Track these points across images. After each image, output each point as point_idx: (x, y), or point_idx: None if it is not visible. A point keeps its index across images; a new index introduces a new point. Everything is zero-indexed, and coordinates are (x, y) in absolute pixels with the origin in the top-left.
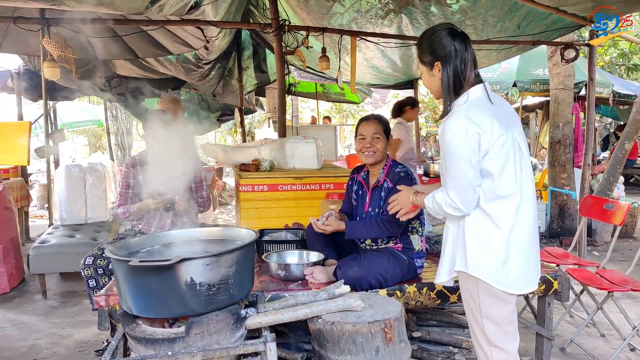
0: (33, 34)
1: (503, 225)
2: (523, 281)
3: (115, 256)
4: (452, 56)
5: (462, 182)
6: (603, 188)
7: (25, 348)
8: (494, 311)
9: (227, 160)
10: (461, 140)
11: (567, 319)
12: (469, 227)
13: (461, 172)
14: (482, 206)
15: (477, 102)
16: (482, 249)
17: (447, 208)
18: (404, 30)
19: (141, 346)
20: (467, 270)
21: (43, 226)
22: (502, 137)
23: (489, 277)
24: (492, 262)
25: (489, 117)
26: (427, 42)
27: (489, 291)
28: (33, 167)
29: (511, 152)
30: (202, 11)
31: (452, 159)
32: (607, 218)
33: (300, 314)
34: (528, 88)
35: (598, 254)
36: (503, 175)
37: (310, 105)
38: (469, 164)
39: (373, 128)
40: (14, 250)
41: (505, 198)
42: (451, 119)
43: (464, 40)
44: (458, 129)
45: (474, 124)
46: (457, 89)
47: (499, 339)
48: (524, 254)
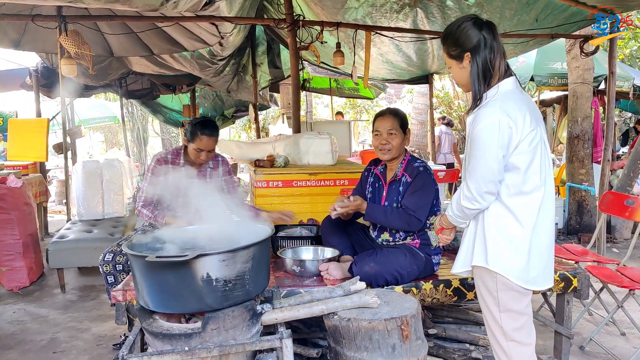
0: (50, 31)
1: (525, 221)
2: (542, 277)
3: (132, 252)
4: (482, 46)
5: (485, 174)
6: (623, 184)
7: (45, 341)
8: (512, 305)
9: (242, 156)
10: (492, 132)
11: (587, 317)
12: (490, 221)
13: (486, 164)
14: (504, 201)
15: (510, 95)
16: (504, 244)
17: (463, 201)
18: (419, 24)
19: (158, 341)
20: (487, 265)
21: (61, 221)
22: (532, 132)
23: (510, 274)
24: (514, 258)
25: (522, 110)
26: (454, 35)
27: (508, 286)
28: (51, 163)
29: (539, 147)
30: (216, 7)
31: (479, 148)
32: (628, 215)
33: (316, 310)
34: (546, 82)
35: (618, 251)
36: (530, 170)
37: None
38: (495, 156)
39: (388, 124)
40: (33, 245)
41: (529, 194)
42: (485, 109)
43: (491, 29)
44: (492, 119)
45: (508, 117)
46: (488, 79)
47: (517, 333)
48: (544, 251)
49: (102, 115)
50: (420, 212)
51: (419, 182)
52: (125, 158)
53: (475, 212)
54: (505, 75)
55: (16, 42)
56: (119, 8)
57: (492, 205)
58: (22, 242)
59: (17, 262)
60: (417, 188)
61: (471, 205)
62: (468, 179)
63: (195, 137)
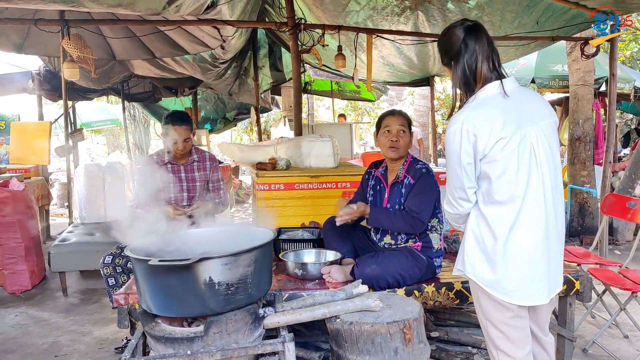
0: (53, 35)
1: (499, 232)
2: (525, 292)
3: (135, 255)
4: (462, 52)
5: (454, 181)
6: (625, 186)
7: (47, 345)
8: (495, 315)
9: (244, 159)
10: (455, 140)
11: (589, 319)
12: (469, 228)
13: (453, 171)
14: (481, 209)
15: (486, 100)
16: (477, 253)
17: (445, 205)
18: (420, 27)
19: (160, 345)
20: (465, 272)
21: (63, 224)
22: (503, 139)
23: (483, 283)
24: (486, 268)
25: (491, 117)
26: (441, 42)
27: (487, 295)
28: (53, 166)
29: (515, 154)
30: (218, 11)
31: (447, 156)
32: (630, 217)
33: (318, 314)
34: (547, 84)
35: (620, 253)
36: (502, 179)
37: (325, 103)
38: (459, 164)
39: (399, 120)
40: (35, 248)
41: (503, 204)
42: (454, 117)
43: (476, 33)
44: (455, 127)
45: (472, 124)
46: (469, 86)
47: (504, 345)
48: (527, 265)
49: (104, 118)
50: (424, 214)
51: (422, 184)
52: (127, 161)
53: (457, 217)
54: (492, 79)
55: (19, 46)
56: (122, 12)
57: (473, 211)
58: (24, 246)
59: (19, 266)
60: (420, 190)
61: (451, 210)
62: (446, 185)
63: (167, 130)
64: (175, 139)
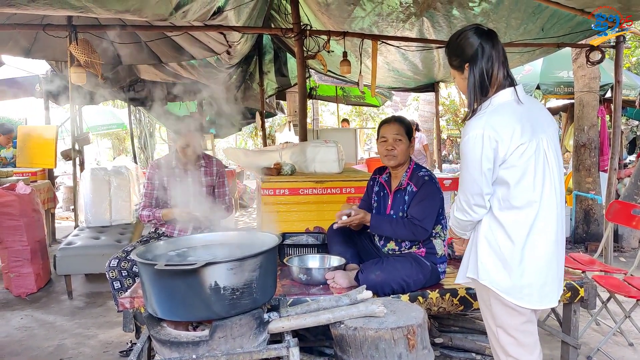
0: (60, 40)
1: (516, 237)
2: (538, 297)
3: (141, 260)
4: (479, 56)
5: (471, 187)
6: (630, 193)
7: (52, 348)
8: (507, 321)
9: (249, 164)
10: (476, 145)
11: (594, 327)
12: (482, 234)
13: (470, 177)
14: (495, 214)
15: (503, 107)
16: (493, 259)
17: (457, 213)
18: (425, 33)
19: (166, 349)
20: (478, 278)
21: (69, 227)
22: (522, 145)
23: (499, 288)
24: (503, 273)
25: (511, 123)
26: (454, 45)
27: (500, 301)
28: (59, 170)
29: (532, 160)
30: (224, 17)
31: (465, 162)
32: (635, 224)
33: (323, 319)
34: (552, 91)
35: (625, 260)
36: (520, 185)
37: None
38: (479, 170)
39: (395, 129)
40: (41, 251)
41: (520, 209)
42: (472, 122)
43: (491, 38)
44: (476, 132)
45: (494, 130)
46: (484, 90)
47: (515, 349)
48: (540, 269)
49: (110, 122)
50: (426, 221)
51: (424, 191)
52: (133, 165)
53: (468, 224)
54: (506, 85)
55: (27, 51)
56: (129, 18)
57: (485, 217)
58: (30, 249)
59: (25, 269)
60: (422, 197)
61: (463, 217)
62: (459, 191)
63: (179, 134)
64: (186, 143)
